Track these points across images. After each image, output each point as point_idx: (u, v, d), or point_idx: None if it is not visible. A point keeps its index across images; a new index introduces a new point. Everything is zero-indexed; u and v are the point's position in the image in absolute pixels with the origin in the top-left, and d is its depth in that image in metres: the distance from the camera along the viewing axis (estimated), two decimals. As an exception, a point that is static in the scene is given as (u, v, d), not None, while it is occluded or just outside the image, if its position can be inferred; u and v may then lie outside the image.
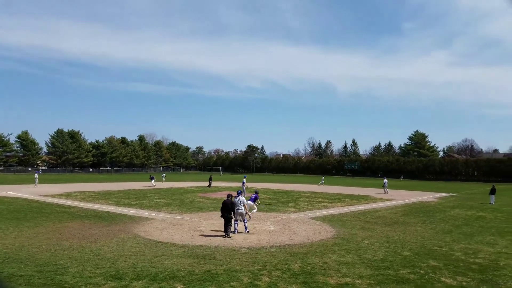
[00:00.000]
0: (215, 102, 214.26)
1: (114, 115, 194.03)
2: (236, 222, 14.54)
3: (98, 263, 9.59)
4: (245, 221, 14.83)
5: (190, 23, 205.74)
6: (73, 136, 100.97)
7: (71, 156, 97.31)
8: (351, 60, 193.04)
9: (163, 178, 52.90)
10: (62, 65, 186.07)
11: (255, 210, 18.69)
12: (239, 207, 14.43)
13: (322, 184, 53.22)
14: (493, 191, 28.40)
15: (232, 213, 14.02)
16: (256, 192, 20.31)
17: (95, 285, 7.61)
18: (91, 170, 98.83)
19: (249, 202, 16.56)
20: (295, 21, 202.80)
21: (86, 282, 7.75)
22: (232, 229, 14.22)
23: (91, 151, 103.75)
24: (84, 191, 34.34)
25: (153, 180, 44.33)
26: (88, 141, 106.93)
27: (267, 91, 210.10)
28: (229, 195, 14.81)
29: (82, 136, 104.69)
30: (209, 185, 42.88)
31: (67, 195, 29.96)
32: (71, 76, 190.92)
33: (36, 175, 42.25)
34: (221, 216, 14.07)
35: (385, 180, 40.00)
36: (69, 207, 22.38)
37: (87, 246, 11.86)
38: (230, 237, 13.57)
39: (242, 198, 14.85)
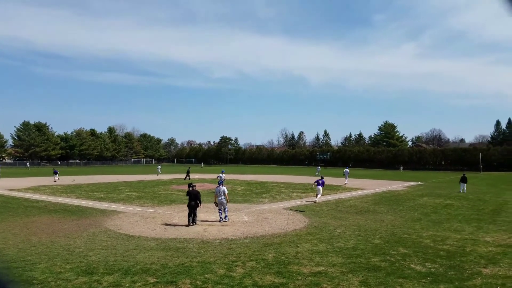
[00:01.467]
0: (187, 92, 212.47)
1: (83, 106, 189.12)
2: (220, 211, 15.28)
3: (68, 258, 9.33)
4: (226, 210, 15.44)
5: (159, 12, 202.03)
6: (40, 128, 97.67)
7: (38, 149, 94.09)
8: (321, 51, 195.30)
9: (159, 171, 51.52)
10: (27, 54, 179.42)
11: None
12: (220, 196, 15.19)
13: (318, 174, 51.07)
14: (463, 180, 29.45)
15: (199, 202, 14.55)
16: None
17: (66, 280, 7.40)
18: (59, 163, 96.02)
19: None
20: (265, 11, 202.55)
21: (56, 278, 7.52)
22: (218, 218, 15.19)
23: (59, 143, 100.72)
24: (53, 185, 33.32)
25: (57, 175, 38.88)
26: (56, 134, 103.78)
27: (239, 81, 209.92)
28: (192, 185, 15.30)
29: (50, 128, 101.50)
30: (186, 178, 42.07)
31: (35, 189, 28.99)
32: (36, 66, 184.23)
33: None
34: (188, 206, 14.53)
35: (347, 170, 39.27)
36: (37, 201, 21.67)
37: (57, 241, 11.52)
38: (192, 225, 14.16)
39: (223, 187, 15.57)
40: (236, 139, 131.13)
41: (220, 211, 15.28)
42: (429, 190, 31.15)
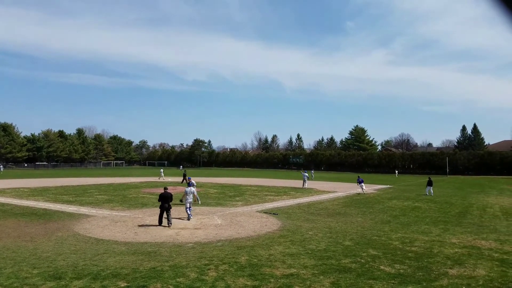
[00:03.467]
0: (159, 94, 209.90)
1: (50, 107, 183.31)
2: (188, 209, 16.34)
3: (35, 262, 9.03)
4: (190, 209, 16.50)
5: (130, 11, 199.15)
6: (6, 129, 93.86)
7: (3, 150, 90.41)
8: (294, 56, 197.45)
9: (162, 174, 50.47)
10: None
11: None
12: (189, 196, 16.54)
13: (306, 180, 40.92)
14: (430, 183, 30.40)
15: (167, 204, 14.90)
16: None
17: (32, 285, 7.17)
18: (26, 165, 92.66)
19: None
20: (239, 15, 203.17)
21: (23, 283, 7.27)
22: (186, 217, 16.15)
23: (26, 145, 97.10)
24: (19, 188, 32.12)
25: None
26: (22, 135, 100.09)
27: (213, 84, 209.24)
28: (166, 188, 15.84)
29: (16, 129, 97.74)
30: (183, 181, 40.53)
31: (0, 192, 27.86)
32: (2, 65, 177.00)
33: None
34: (160, 207, 14.90)
35: (305, 174, 38.18)
36: (2, 204, 20.85)
37: (23, 245, 11.13)
38: (168, 226, 14.50)
39: (193, 189, 16.94)
40: (209, 142, 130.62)
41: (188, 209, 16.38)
42: (398, 193, 31.99)
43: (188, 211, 16.35)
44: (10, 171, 75.63)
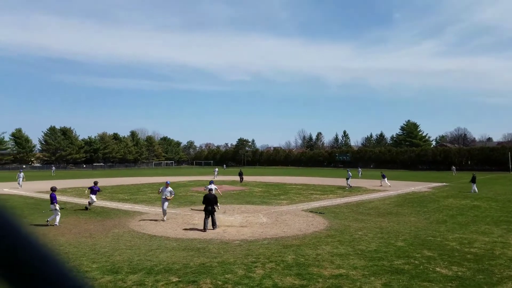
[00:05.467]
0: (204, 96, 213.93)
1: (105, 111, 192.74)
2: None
3: (94, 257, 9.56)
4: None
5: (174, 16, 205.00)
6: (65, 132, 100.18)
7: (64, 152, 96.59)
8: (337, 51, 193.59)
9: (216, 173, 50.94)
10: (49, 61, 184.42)
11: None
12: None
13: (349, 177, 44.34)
14: (473, 180, 29.10)
15: (211, 207, 13.95)
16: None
17: (92, 279, 7.59)
18: (84, 166, 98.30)
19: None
20: (280, 13, 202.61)
21: (83, 277, 7.71)
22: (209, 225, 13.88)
23: (83, 147, 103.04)
24: (79, 187, 34.13)
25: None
26: (80, 138, 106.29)
27: (256, 84, 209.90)
28: (211, 189, 15.19)
29: (74, 132, 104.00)
30: (241, 180, 40.66)
31: (62, 191, 29.74)
32: (60, 73, 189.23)
33: (21, 174, 35.22)
34: (204, 210, 14.09)
35: (349, 173, 34.51)
36: (64, 203, 22.22)
37: (83, 241, 11.82)
38: (212, 229, 13.63)
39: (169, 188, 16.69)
40: (253, 141, 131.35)
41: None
42: (455, 191, 30.40)
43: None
44: (70, 171, 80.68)
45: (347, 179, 33.88)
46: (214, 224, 13.92)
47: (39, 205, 20.89)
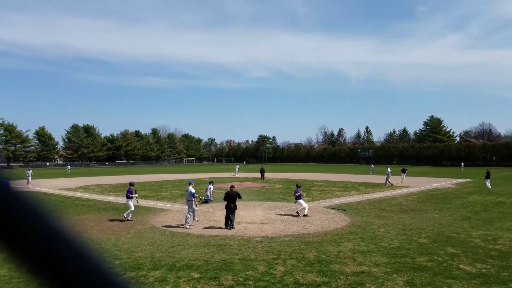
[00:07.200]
0: (223, 93, 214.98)
1: (127, 109, 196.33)
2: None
3: (117, 253, 9.76)
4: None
5: (195, 15, 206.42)
6: (88, 130, 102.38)
7: (86, 150, 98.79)
8: (359, 46, 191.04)
9: (237, 170, 50.90)
10: (72, 61, 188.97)
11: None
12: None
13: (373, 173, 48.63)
14: (488, 175, 28.91)
15: (232, 204, 13.58)
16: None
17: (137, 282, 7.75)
18: (107, 163, 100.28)
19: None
20: (300, 8, 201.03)
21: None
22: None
23: (106, 144, 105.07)
24: (101, 184, 34.87)
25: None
26: (103, 135, 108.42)
27: (276, 80, 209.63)
28: (232, 186, 14.91)
29: (97, 130, 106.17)
30: (262, 177, 40.29)
31: (85, 189, 30.48)
32: (83, 72, 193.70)
33: (30, 172, 34.19)
34: (226, 207, 13.79)
35: (389, 170, 32.50)
36: (87, 200, 22.76)
37: (106, 238, 12.07)
38: (229, 229, 13.25)
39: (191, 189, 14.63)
40: (274, 137, 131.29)
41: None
42: (479, 187, 29.65)
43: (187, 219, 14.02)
44: (93, 169, 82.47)
45: (387, 176, 31.93)
46: (231, 222, 13.45)
47: (62, 202, 21.44)
